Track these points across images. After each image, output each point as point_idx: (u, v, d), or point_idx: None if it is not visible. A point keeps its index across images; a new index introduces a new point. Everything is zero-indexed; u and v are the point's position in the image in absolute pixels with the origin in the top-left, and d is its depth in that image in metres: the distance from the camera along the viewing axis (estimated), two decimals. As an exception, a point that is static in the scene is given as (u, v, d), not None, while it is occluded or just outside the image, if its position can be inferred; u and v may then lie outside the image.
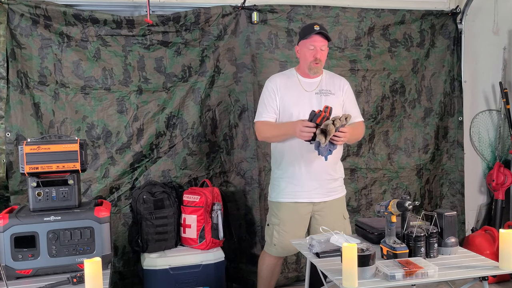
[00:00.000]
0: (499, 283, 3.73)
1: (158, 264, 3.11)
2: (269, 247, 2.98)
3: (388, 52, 3.94)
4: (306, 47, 2.79)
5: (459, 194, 4.15)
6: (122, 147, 3.41)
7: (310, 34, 2.76)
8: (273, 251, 2.96)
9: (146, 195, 3.22)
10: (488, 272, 2.09)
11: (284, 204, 2.88)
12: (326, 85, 2.89)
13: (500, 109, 4.41)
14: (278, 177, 2.92)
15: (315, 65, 2.79)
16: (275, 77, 2.94)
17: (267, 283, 3.07)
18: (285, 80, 2.88)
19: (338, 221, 2.89)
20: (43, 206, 2.25)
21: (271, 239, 2.95)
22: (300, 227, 2.91)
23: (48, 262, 2.17)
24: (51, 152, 2.26)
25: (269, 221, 2.99)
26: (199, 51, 3.54)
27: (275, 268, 3.06)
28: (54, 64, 3.28)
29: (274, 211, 2.94)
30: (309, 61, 2.80)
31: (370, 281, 1.97)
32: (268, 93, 2.88)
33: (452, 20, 4.08)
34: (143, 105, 3.46)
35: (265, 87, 2.92)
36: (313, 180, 2.82)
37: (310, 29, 2.79)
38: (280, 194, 2.90)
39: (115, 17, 3.32)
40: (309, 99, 2.83)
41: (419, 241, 2.21)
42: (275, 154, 2.96)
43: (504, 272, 2.10)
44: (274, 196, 2.94)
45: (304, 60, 2.84)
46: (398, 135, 4.02)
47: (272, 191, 2.97)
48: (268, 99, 2.87)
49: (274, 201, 2.95)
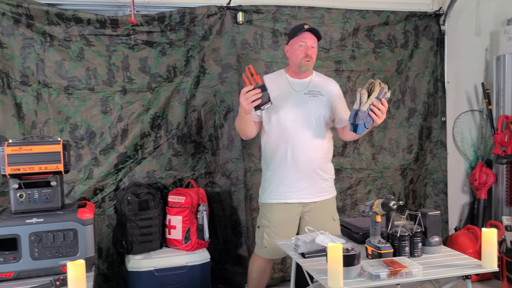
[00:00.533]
0: (482, 281, 3.79)
1: (143, 265, 3.08)
2: (260, 249, 2.96)
3: (373, 53, 3.97)
4: (297, 44, 2.78)
5: (442, 193, 4.20)
6: (106, 148, 3.38)
7: (301, 31, 2.77)
8: (264, 253, 2.94)
9: (130, 196, 3.19)
10: (471, 270, 2.12)
11: (274, 206, 2.87)
12: (316, 86, 2.87)
13: (482, 109, 4.47)
14: (267, 178, 2.90)
15: (306, 62, 2.78)
16: (264, 77, 2.91)
17: (257, 284, 3.06)
18: (274, 80, 2.84)
19: (327, 222, 2.88)
20: (25, 208, 2.22)
21: (261, 241, 2.92)
22: (291, 228, 2.89)
23: (30, 265, 2.13)
24: (33, 153, 2.22)
25: (259, 223, 2.97)
26: (184, 51, 3.52)
27: (265, 270, 3.04)
28: (37, 64, 3.24)
29: (264, 213, 2.92)
30: (300, 58, 2.77)
31: (355, 280, 1.98)
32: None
33: (435, 21, 4.12)
34: (127, 105, 3.43)
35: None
36: (303, 180, 2.81)
37: (300, 28, 2.79)
38: (270, 195, 2.88)
39: (99, 17, 3.29)
40: (297, 99, 2.82)
41: (403, 241, 2.23)
42: (264, 155, 2.94)
43: (487, 270, 2.12)
44: (264, 197, 2.92)
45: (294, 58, 2.81)
46: (382, 136, 4.05)
47: (263, 193, 2.94)
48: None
49: (264, 203, 2.93)
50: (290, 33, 2.87)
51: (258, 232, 2.98)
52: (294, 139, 2.78)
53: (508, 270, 3.27)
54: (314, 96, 2.84)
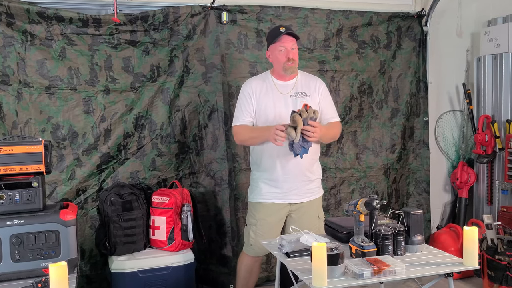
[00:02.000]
0: (464, 278, 3.84)
1: (127, 267, 3.06)
2: (247, 247, 3.02)
3: (356, 53, 4.00)
4: (277, 50, 2.81)
5: (425, 192, 4.25)
6: (88, 148, 3.35)
7: (278, 36, 2.78)
8: (250, 251, 3.00)
9: (114, 197, 3.16)
10: (453, 268, 2.15)
11: (262, 205, 2.91)
12: (302, 87, 2.90)
13: (463, 109, 4.53)
14: (256, 178, 2.95)
15: (290, 65, 2.80)
16: (251, 81, 2.96)
17: (245, 283, 3.09)
18: (260, 84, 2.89)
19: (313, 221, 2.93)
20: (5, 209, 2.18)
21: (248, 239, 2.99)
22: (277, 227, 2.95)
23: (11, 267, 2.10)
24: (14, 153, 2.19)
25: (247, 221, 3.03)
26: (168, 51, 3.50)
27: (253, 268, 3.09)
28: (17, 63, 3.19)
29: (252, 211, 2.98)
30: (283, 62, 2.80)
31: (339, 279, 1.99)
32: (244, 97, 2.89)
33: (417, 22, 4.17)
34: (110, 105, 3.39)
35: (241, 91, 2.94)
36: (289, 181, 2.85)
37: (277, 32, 2.80)
38: (258, 195, 2.92)
39: (81, 16, 3.25)
40: (284, 101, 2.84)
41: (386, 240, 2.25)
42: (253, 156, 2.97)
43: (468, 268, 2.15)
44: (252, 197, 2.97)
45: (277, 63, 2.84)
46: (366, 135, 4.08)
47: (251, 192, 2.99)
48: (244, 103, 2.88)
49: (252, 202, 2.98)
50: (268, 38, 2.89)
51: (245, 230, 3.04)
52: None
53: (489, 267, 3.32)
54: (300, 98, 2.86)
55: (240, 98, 2.92)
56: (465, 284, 3.78)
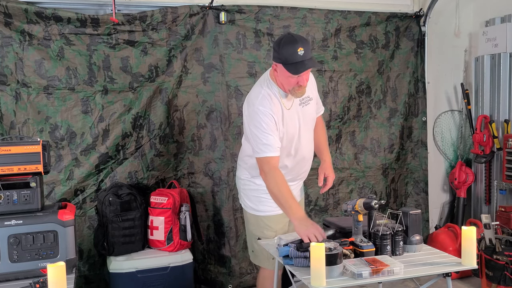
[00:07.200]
0: (462, 278, 3.84)
1: (125, 267, 3.06)
2: (267, 262, 2.70)
3: (354, 53, 4.00)
4: (290, 75, 2.41)
5: (423, 192, 4.25)
6: (87, 148, 3.34)
7: (297, 69, 2.37)
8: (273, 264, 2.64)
9: (112, 197, 3.16)
10: (452, 268, 2.15)
11: (276, 217, 2.67)
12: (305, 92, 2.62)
13: (461, 109, 4.54)
14: (257, 189, 2.69)
15: (299, 91, 2.48)
16: (263, 100, 2.50)
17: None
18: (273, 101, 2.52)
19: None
20: (3, 209, 2.18)
21: (267, 253, 2.61)
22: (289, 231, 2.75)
23: (9, 268, 2.10)
24: (12, 154, 2.19)
25: (260, 235, 2.70)
26: (166, 51, 3.50)
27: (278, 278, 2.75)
28: (15, 63, 3.18)
29: (266, 223, 2.69)
30: (292, 86, 2.46)
31: (337, 279, 1.99)
32: (267, 119, 2.46)
33: (416, 22, 4.17)
34: (108, 105, 3.39)
35: (259, 113, 2.47)
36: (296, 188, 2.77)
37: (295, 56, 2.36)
38: (268, 208, 2.66)
39: (79, 16, 3.25)
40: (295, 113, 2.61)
41: (385, 239, 2.25)
42: (250, 164, 2.69)
43: (466, 268, 2.16)
44: (262, 209, 2.69)
45: (285, 83, 2.49)
46: (364, 135, 4.08)
47: (257, 205, 2.70)
48: (269, 125, 2.46)
49: (263, 216, 2.69)
50: (281, 56, 2.40)
51: (258, 245, 2.70)
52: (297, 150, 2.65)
53: (487, 267, 3.33)
54: (306, 105, 2.67)
55: (262, 120, 2.45)
56: (463, 284, 3.79)
